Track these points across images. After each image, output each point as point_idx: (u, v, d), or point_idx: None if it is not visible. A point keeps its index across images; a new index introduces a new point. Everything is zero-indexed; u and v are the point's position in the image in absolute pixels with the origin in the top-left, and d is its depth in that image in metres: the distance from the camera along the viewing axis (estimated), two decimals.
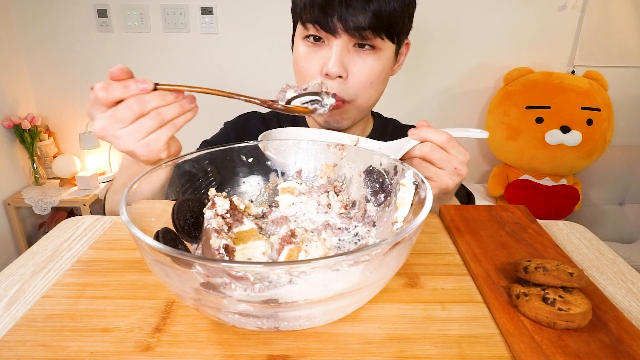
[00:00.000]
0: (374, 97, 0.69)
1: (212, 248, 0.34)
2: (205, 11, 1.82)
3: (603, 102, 1.70)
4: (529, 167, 1.80)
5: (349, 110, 0.68)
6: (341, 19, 0.60)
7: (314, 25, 0.62)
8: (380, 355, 0.32)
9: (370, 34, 0.61)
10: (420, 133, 0.54)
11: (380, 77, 0.66)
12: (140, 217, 0.35)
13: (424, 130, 0.54)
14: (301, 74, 0.67)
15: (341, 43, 0.62)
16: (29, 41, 1.88)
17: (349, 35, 0.61)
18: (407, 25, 0.66)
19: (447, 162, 0.54)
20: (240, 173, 0.50)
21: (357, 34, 0.61)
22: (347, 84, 0.65)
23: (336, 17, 0.60)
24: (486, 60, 1.92)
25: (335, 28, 0.61)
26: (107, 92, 0.43)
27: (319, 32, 0.63)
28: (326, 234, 0.43)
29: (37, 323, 0.35)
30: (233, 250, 0.35)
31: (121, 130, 0.44)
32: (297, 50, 0.67)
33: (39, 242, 0.49)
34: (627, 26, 1.83)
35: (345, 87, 0.65)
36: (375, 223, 0.45)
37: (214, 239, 0.34)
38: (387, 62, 0.66)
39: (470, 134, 0.56)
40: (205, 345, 0.33)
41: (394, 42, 0.65)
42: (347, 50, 0.63)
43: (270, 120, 0.84)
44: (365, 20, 0.59)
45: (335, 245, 0.42)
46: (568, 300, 0.35)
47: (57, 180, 1.98)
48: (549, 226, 0.55)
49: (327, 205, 0.48)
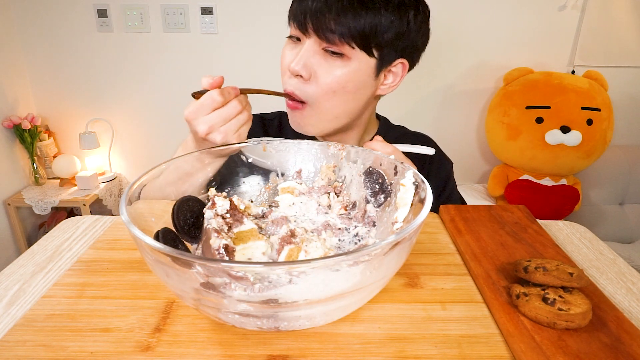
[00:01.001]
0: (340, 108, 0.66)
1: (212, 248, 0.34)
2: (205, 11, 1.82)
3: (603, 102, 1.70)
4: (529, 167, 1.80)
5: (308, 114, 0.66)
6: (312, 20, 0.60)
7: (293, 22, 0.63)
8: (380, 355, 0.32)
9: (337, 39, 0.60)
10: (371, 144, 0.58)
11: (347, 87, 0.63)
12: (140, 217, 0.35)
13: (374, 143, 0.59)
14: (281, 71, 0.68)
15: (310, 43, 0.62)
16: (29, 41, 1.88)
17: (317, 36, 0.61)
18: (397, 43, 0.63)
19: None
20: (240, 173, 0.50)
21: (324, 37, 0.60)
22: (306, 84, 0.63)
23: (309, 17, 0.60)
24: (486, 60, 1.92)
25: (307, 28, 0.61)
26: (222, 96, 0.52)
27: (295, 30, 0.64)
28: (326, 234, 0.43)
29: (37, 323, 0.35)
30: (233, 250, 0.35)
31: (224, 126, 0.53)
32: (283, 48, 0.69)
33: (39, 242, 0.49)
34: (627, 26, 1.83)
35: (304, 87, 0.63)
36: (375, 223, 0.45)
37: (214, 239, 0.34)
38: (357, 74, 0.63)
39: (417, 150, 0.63)
40: (205, 345, 0.33)
41: (370, 55, 0.62)
42: (315, 52, 0.62)
43: (270, 122, 0.83)
44: (335, 25, 0.59)
45: (335, 245, 0.42)
46: (568, 300, 0.35)
47: (57, 180, 1.97)
48: (549, 226, 0.55)
49: (328, 206, 0.48)
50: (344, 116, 0.68)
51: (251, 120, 0.57)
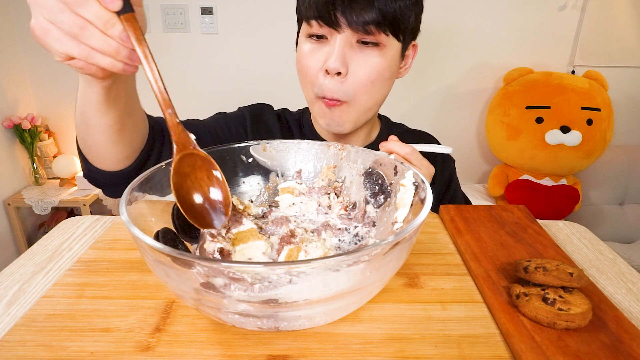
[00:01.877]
0: (375, 98, 0.67)
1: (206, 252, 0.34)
2: (205, 11, 1.82)
3: (603, 102, 1.70)
4: (529, 167, 1.80)
5: (347, 110, 0.66)
6: (345, 13, 0.59)
7: (317, 20, 0.61)
8: (380, 355, 0.32)
9: (374, 28, 0.60)
10: (388, 145, 0.59)
11: (384, 75, 0.64)
12: (140, 217, 0.35)
13: (391, 143, 0.59)
14: (303, 72, 0.67)
15: (344, 38, 0.61)
16: (29, 41, 1.88)
17: (352, 30, 0.60)
18: (414, 24, 0.65)
19: None
20: (240, 173, 0.50)
21: (360, 29, 0.60)
22: (345, 82, 0.63)
23: (339, 11, 0.59)
24: (486, 60, 1.92)
25: (339, 22, 0.60)
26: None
27: (322, 28, 0.62)
28: (326, 235, 0.43)
29: (37, 323, 0.35)
30: (228, 253, 0.35)
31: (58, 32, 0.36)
32: (301, 49, 0.67)
33: (39, 242, 0.49)
34: (627, 26, 1.83)
35: (343, 87, 0.63)
36: (375, 223, 0.45)
37: (208, 242, 0.34)
38: (391, 60, 0.64)
39: (434, 149, 0.62)
40: (205, 345, 0.33)
41: (399, 40, 0.64)
42: (350, 46, 0.62)
43: (281, 117, 0.81)
44: (370, 14, 0.59)
45: (335, 245, 0.42)
46: (568, 300, 0.35)
47: (57, 180, 1.97)
48: (549, 226, 0.55)
49: (328, 207, 0.48)
50: (376, 106, 0.70)
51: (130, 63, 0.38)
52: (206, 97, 1.97)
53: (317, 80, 0.64)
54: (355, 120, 0.68)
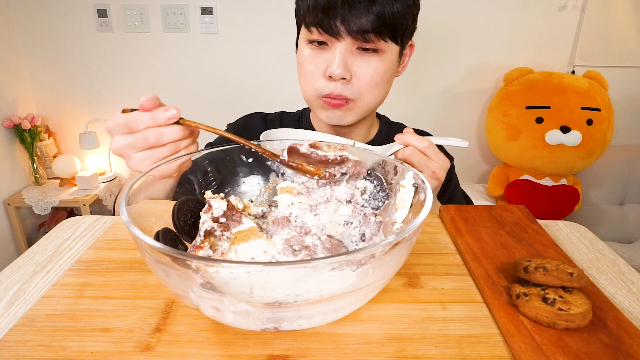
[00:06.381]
0: (379, 98, 0.70)
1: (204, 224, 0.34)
2: (205, 11, 1.82)
3: (603, 102, 1.70)
4: (529, 167, 1.80)
5: (353, 107, 0.69)
6: (344, 22, 0.60)
7: (317, 28, 0.62)
8: (380, 355, 0.32)
9: (374, 36, 0.61)
10: (405, 138, 0.58)
11: (385, 78, 0.67)
12: (140, 217, 0.35)
13: (408, 135, 0.58)
14: (305, 76, 0.68)
15: (344, 46, 0.62)
16: (29, 41, 1.88)
17: (352, 38, 0.61)
18: (411, 26, 0.66)
19: (425, 166, 0.58)
20: (240, 173, 0.50)
21: (360, 37, 0.61)
22: (350, 84, 0.65)
23: (339, 20, 0.60)
24: (486, 60, 1.92)
25: (339, 31, 0.60)
26: (136, 124, 0.45)
27: (322, 36, 0.63)
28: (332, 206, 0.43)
29: (37, 323, 0.35)
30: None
31: (136, 154, 0.47)
32: (302, 53, 0.68)
33: (39, 242, 0.49)
34: (627, 26, 1.83)
35: (349, 87, 0.65)
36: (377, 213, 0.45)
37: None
38: (390, 63, 0.66)
39: (450, 143, 0.61)
40: (205, 345, 0.33)
41: (397, 43, 0.65)
42: (351, 53, 0.63)
43: (272, 122, 0.84)
44: (368, 22, 0.59)
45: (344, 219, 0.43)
46: (568, 300, 0.35)
47: (57, 180, 1.97)
48: (549, 226, 0.55)
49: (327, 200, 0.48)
50: (377, 105, 0.72)
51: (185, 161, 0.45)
52: (206, 97, 1.97)
53: (320, 83, 0.66)
54: (357, 116, 0.71)
